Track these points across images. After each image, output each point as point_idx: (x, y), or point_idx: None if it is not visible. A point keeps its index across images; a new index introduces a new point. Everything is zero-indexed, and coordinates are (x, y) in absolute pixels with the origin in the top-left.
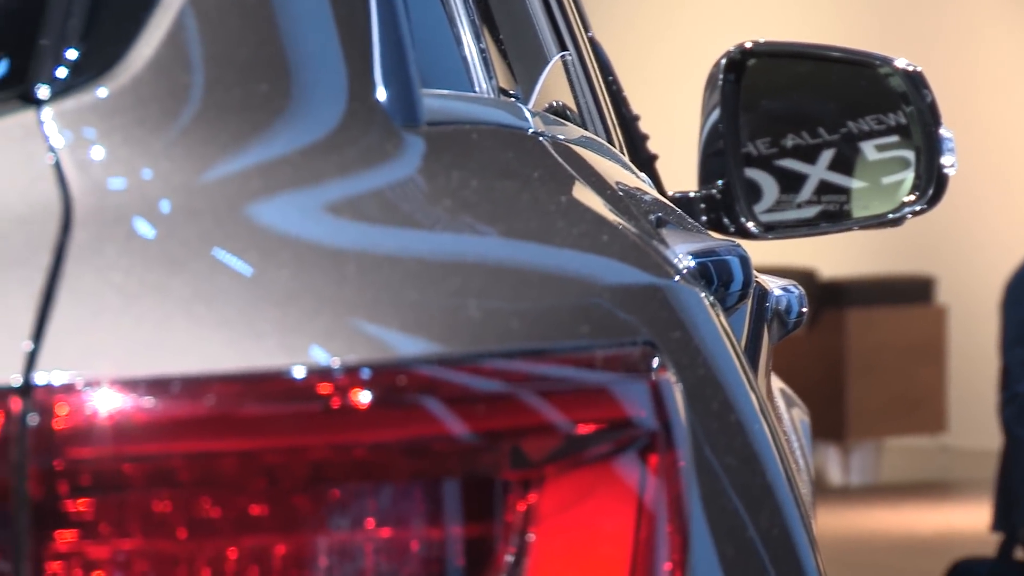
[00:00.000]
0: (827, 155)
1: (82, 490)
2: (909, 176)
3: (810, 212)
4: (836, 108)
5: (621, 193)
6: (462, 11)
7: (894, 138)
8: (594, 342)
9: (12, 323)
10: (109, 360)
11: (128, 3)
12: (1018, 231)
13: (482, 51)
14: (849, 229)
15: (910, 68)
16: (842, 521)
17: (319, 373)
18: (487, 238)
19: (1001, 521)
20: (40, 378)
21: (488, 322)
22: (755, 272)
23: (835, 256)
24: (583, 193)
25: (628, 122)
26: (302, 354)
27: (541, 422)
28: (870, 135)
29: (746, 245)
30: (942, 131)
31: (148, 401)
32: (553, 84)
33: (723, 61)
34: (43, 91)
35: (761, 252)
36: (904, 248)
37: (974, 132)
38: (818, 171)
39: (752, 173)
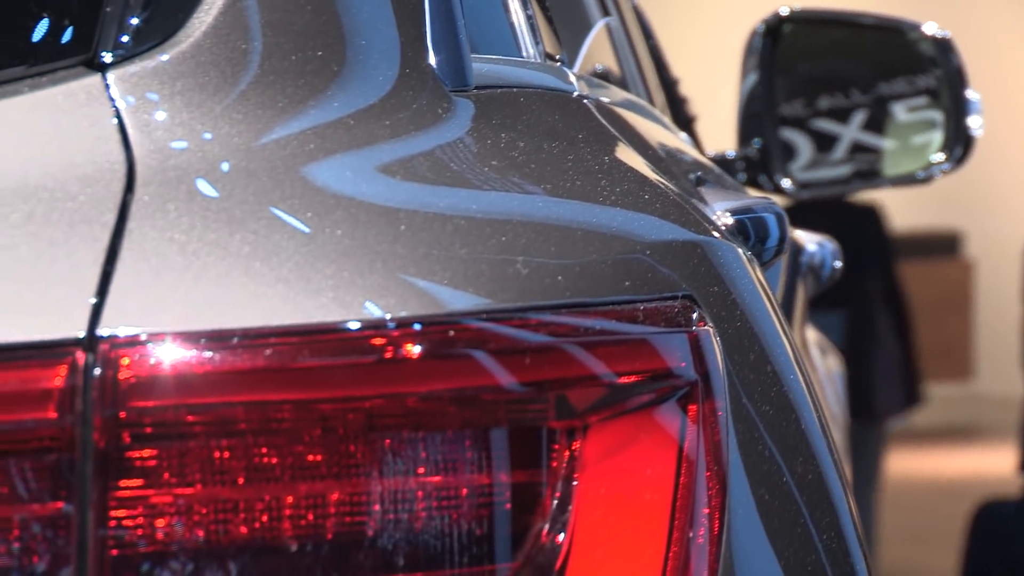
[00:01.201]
0: (859, 116)
1: (145, 439)
2: (938, 136)
3: (843, 170)
4: (868, 71)
5: (662, 153)
6: None
7: (923, 100)
8: (636, 296)
9: (78, 279)
10: (171, 314)
11: None
12: None
13: (529, 17)
14: (880, 187)
15: (939, 34)
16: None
17: (372, 327)
18: (534, 197)
19: None
20: (104, 331)
21: (534, 277)
22: (790, 228)
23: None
24: (626, 153)
25: (669, 85)
26: (356, 309)
27: (585, 373)
28: (900, 97)
29: (781, 202)
30: (969, 93)
31: (208, 353)
32: (597, 49)
33: (760, 27)
34: (107, 57)
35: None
36: (932, 204)
37: (1001, 90)
38: (851, 131)
39: (788, 133)
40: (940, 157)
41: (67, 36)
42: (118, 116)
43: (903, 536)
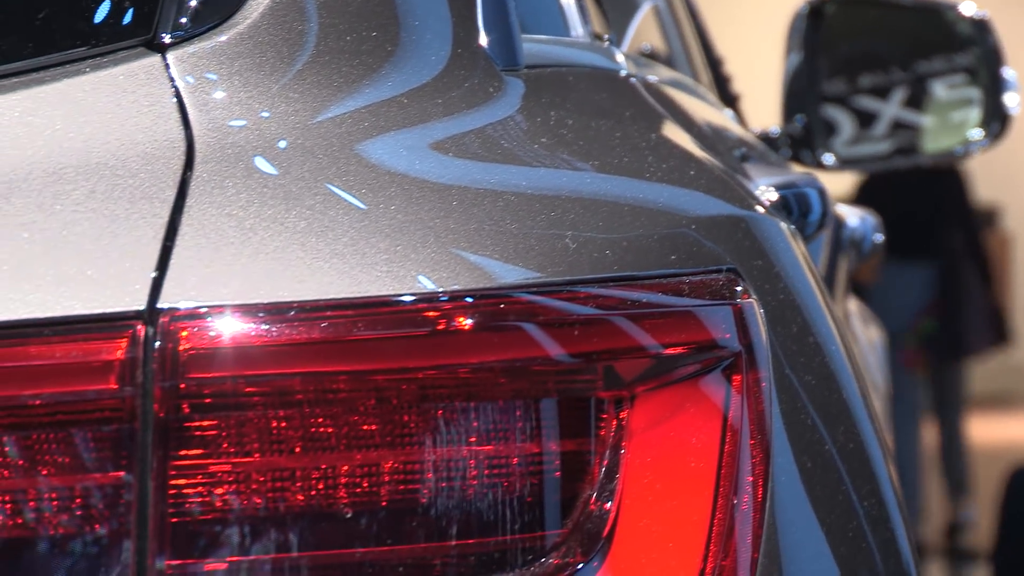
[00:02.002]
0: (899, 94)
1: (204, 409)
2: (976, 113)
3: (883, 147)
4: (907, 50)
5: (707, 130)
6: None
7: (961, 78)
8: (681, 270)
9: (138, 253)
10: (229, 288)
11: None
12: None
13: None
14: (919, 162)
15: (976, 14)
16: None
17: (426, 300)
18: (582, 173)
19: None
20: (164, 305)
21: (583, 251)
22: (832, 203)
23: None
24: (672, 131)
25: (714, 64)
26: (410, 282)
27: (632, 345)
28: (939, 75)
29: (824, 177)
30: (1006, 72)
31: (266, 326)
32: (645, 28)
33: (804, 8)
34: (167, 38)
35: (837, 184)
36: (972, 179)
37: None
38: (891, 108)
39: (830, 111)
40: (978, 133)
41: (128, 18)
42: (177, 95)
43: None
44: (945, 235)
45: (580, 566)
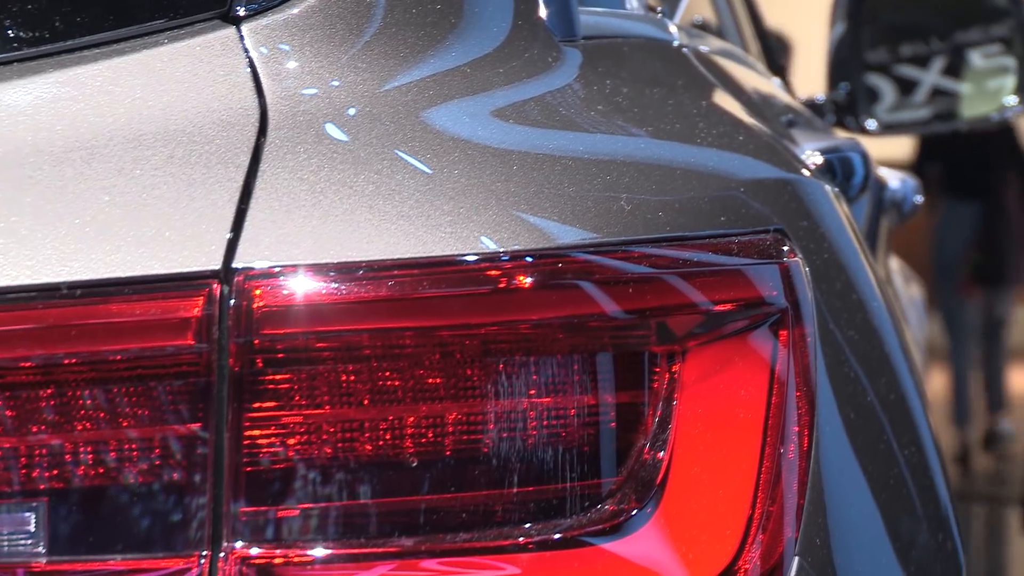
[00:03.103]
0: (938, 62)
1: (276, 364)
2: (1011, 81)
3: (923, 113)
4: (946, 21)
5: (755, 98)
6: None
7: (997, 47)
8: (731, 230)
9: (214, 215)
10: (300, 248)
11: None
12: None
13: None
14: (957, 128)
15: None
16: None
17: (487, 259)
18: (636, 139)
19: None
20: (239, 264)
21: (637, 213)
22: (875, 166)
23: None
24: (722, 98)
25: (763, 34)
26: (472, 243)
27: (684, 301)
28: (976, 44)
29: (866, 142)
30: None
31: (335, 284)
32: (696, 0)
33: None
34: (241, 11)
35: (879, 148)
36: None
37: None
38: (930, 76)
39: (872, 79)
40: (1013, 100)
41: None
42: (252, 65)
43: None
44: (993, 178)
45: (634, 512)
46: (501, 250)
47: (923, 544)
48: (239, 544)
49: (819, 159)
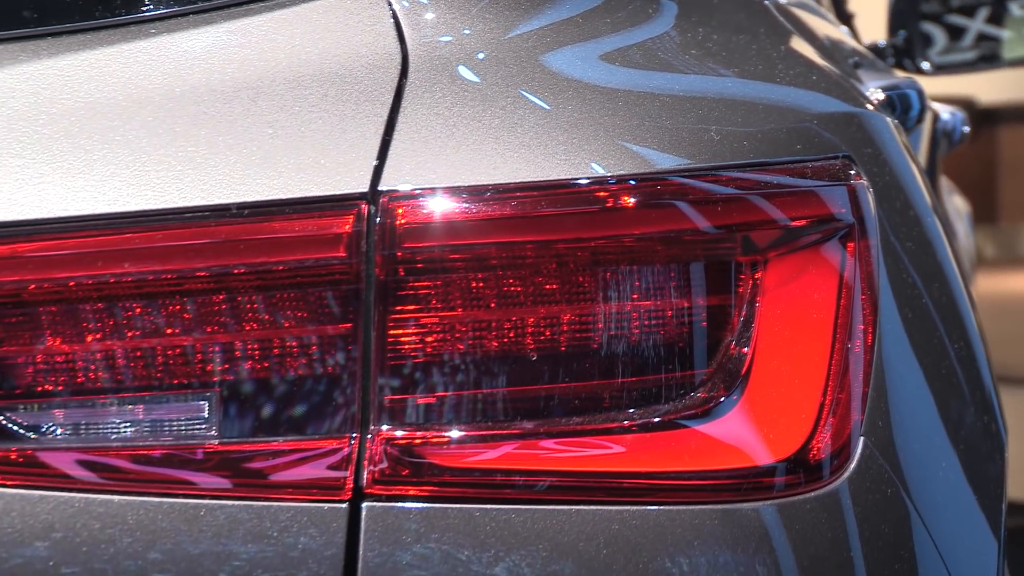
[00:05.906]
0: (983, 11)
1: (416, 273)
2: None
3: (970, 55)
4: None
5: (826, 43)
6: None
7: None
8: (805, 156)
9: (362, 145)
10: (437, 173)
11: None
12: None
13: None
14: (1000, 67)
15: None
16: (993, 285)
17: (597, 183)
18: (724, 79)
19: None
20: (384, 187)
21: (725, 142)
22: (929, 101)
23: (989, 87)
24: (797, 43)
25: None
26: (584, 168)
27: (765, 218)
28: None
29: (922, 80)
30: None
31: (467, 204)
32: None
33: None
34: None
35: (933, 86)
36: None
37: None
38: (976, 24)
39: (927, 26)
40: None
41: None
42: (394, 16)
43: (994, 340)
44: None
45: (722, 399)
46: (608, 174)
47: (970, 425)
48: (384, 427)
49: (881, 95)
